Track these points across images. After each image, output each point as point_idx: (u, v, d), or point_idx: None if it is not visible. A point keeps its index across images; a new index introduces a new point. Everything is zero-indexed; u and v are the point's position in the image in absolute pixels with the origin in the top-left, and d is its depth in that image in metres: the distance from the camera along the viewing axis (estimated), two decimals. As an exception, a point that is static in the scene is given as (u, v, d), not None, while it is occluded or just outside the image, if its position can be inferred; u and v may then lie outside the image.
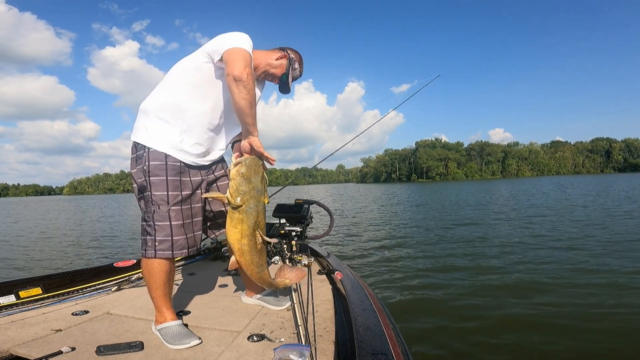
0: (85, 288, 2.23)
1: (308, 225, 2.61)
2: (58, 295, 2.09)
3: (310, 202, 2.63)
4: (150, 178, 1.54)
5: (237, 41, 1.53)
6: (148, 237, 1.56)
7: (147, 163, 1.54)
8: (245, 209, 1.51)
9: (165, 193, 1.55)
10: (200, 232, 1.73)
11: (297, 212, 2.56)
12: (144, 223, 1.58)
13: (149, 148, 1.55)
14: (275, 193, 2.42)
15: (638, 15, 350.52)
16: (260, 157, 1.61)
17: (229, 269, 1.66)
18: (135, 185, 1.61)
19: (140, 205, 1.62)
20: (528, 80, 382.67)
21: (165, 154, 1.55)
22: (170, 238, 1.56)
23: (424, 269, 5.07)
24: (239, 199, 1.50)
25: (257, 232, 1.57)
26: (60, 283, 2.13)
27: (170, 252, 1.57)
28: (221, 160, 1.83)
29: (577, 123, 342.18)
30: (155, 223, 1.55)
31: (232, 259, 1.61)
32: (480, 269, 4.90)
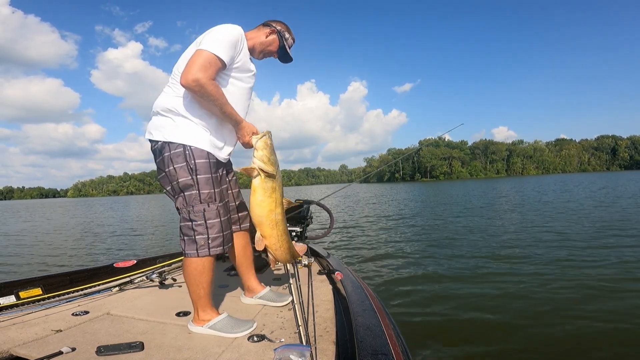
0: (86, 288, 2.23)
1: (308, 225, 2.61)
2: (58, 295, 2.09)
3: (310, 202, 2.61)
4: (198, 177, 1.55)
5: (209, 41, 1.52)
6: (199, 237, 1.55)
7: (193, 161, 1.55)
8: (277, 176, 1.58)
9: (213, 190, 1.58)
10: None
11: (297, 213, 2.55)
12: (191, 223, 1.56)
13: (190, 146, 1.55)
14: (339, 190, 2.44)
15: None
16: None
17: (257, 248, 1.66)
18: (174, 183, 1.58)
19: (177, 205, 1.60)
20: (530, 78, 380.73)
21: (208, 151, 1.59)
22: (222, 234, 1.59)
23: (425, 269, 5.04)
24: (272, 167, 1.56)
25: (284, 200, 1.64)
26: (60, 283, 2.14)
27: (222, 248, 1.60)
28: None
29: (582, 121, 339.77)
30: (207, 221, 1.56)
31: (258, 235, 1.63)
32: (483, 270, 4.86)
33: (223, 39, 1.54)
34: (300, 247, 1.86)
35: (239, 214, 1.91)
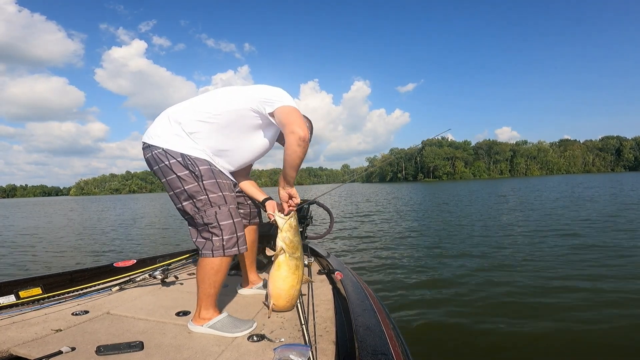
0: (85, 288, 2.22)
1: (308, 225, 2.59)
2: (58, 295, 2.09)
3: (310, 202, 2.59)
4: (204, 182, 1.59)
5: (291, 100, 1.65)
6: (215, 238, 1.58)
7: (197, 168, 1.59)
8: (300, 256, 1.70)
9: (222, 194, 1.61)
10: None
11: (296, 212, 2.54)
12: (205, 226, 1.59)
13: (189, 155, 1.60)
14: (330, 191, 2.48)
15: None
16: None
17: (269, 316, 1.72)
18: (177, 191, 1.61)
19: (187, 210, 1.62)
20: (534, 78, 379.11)
21: (207, 159, 1.64)
22: (235, 235, 1.61)
23: (426, 269, 5.01)
24: (295, 248, 1.69)
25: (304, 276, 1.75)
26: (60, 283, 2.13)
27: (237, 249, 1.62)
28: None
29: (586, 121, 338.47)
30: (220, 223, 1.58)
31: (271, 304, 1.70)
32: (485, 270, 4.83)
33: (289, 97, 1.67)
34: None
35: (251, 210, 2.01)
